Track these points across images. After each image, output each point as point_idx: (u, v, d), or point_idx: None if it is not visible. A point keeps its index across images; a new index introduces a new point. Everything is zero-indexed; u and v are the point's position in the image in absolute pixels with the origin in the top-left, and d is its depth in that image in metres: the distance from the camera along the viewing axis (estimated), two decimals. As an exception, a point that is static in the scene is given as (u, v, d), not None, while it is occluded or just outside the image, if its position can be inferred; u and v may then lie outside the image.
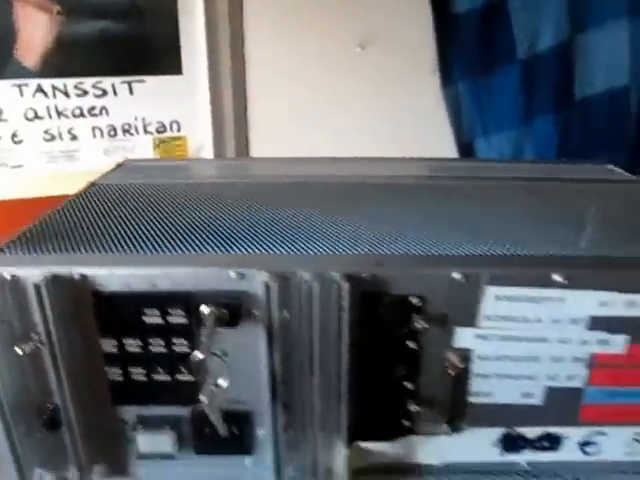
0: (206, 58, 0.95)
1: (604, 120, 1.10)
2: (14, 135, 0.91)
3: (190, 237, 0.44)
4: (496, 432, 0.43)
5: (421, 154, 0.74)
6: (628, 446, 0.44)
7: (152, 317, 0.38)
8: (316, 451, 0.42)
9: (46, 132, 0.93)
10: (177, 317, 0.38)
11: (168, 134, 0.99)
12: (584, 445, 0.44)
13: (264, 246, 0.42)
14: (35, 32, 0.86)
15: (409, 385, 0.41)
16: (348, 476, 0.42)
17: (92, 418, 0.42)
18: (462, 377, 0.41)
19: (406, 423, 0.42)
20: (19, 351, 0.37)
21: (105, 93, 0.94)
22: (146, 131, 0.99)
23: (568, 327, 0.39)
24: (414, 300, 0.38)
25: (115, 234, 0.45)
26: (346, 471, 0.42)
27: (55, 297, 0.37)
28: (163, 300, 0.38)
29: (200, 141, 1.01)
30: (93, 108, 0.96)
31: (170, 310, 0.38)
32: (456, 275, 0.38)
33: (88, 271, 0.38)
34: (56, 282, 0.37)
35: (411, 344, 0.40)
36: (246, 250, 0.42)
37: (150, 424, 0.42)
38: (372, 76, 1.04)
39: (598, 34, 1.05)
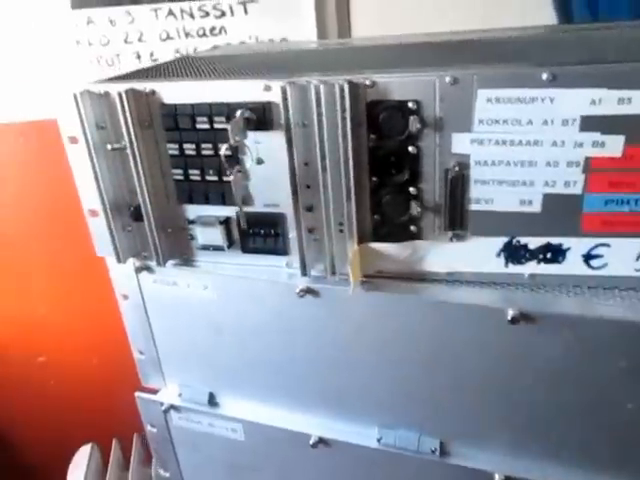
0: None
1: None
2: (152, 54, 1.09)
3: (249, 69, 0.53)
4: (498, 242, 0.47)
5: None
6: (637, 260, 0.44)
7: (202, 124, 0.49)
8: (333, 252, 0.50)
9: (176, 51, 1.09)
10: (220, 124, 0.48)
11: (279, 52, 1.10)
12: (588, 258, 0.45)
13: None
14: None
15: (412, 189, 0.46)
16: (358, 271, 0.49)
17: (165, 214, 0.54)
18: (461, 182, 0.45)
19: (411, 227, 0.48)
20: (109, 147, 0.50)
21: (224, 14, 1.08)
22: (259, 49, 1.10)
23: (560, 129, 0.41)
24: (410, 104, 0.43)
25: (191, 70, 0.56)
26: (357, 266, 0.49)
27: (134, 107, 0.49)
28: (210, 108, 0.48)
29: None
30: (214, 29, 1.10)
31: (215, 118, 0.48)
32: (447, 78, 0.42)
33: (156, 86, 0.49)
34: (134, 94, 0.49)
35: (411, 149, 0.45)
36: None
37: (206, 221, 0.53)
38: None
39: None
